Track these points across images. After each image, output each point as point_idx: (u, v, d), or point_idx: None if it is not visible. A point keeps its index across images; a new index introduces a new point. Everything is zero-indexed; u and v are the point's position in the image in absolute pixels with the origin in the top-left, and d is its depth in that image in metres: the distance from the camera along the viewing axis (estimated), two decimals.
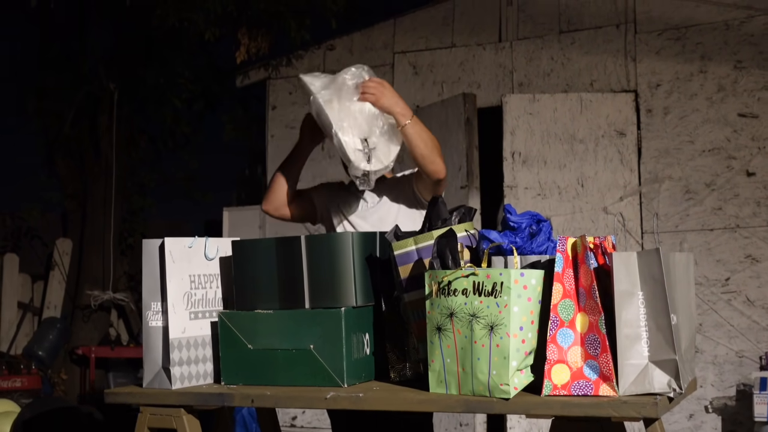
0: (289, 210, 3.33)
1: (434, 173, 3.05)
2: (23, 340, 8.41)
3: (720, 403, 5.79)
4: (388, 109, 2.98)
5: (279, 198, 3.30)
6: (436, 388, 2.29)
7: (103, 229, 8.47)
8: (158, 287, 2.54)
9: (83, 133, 8.63)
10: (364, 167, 2.97)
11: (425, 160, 3.02)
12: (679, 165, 6.05)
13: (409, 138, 2.98)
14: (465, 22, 6.82)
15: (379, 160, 2.99)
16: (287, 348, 2.49)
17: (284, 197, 3.30)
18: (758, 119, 5.91)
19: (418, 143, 2.99)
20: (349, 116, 2.96)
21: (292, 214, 3.35)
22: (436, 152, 3.03)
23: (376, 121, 2.98)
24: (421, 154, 3.00)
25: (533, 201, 6.14)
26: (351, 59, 7.12)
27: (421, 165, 3.06)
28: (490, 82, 6.66)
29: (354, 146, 2.95)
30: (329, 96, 2.96)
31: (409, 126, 2.98)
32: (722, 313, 5.86)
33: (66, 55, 8.62)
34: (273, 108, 7.38)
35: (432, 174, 3.07)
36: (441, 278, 2.26)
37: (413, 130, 2.98)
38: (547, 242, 2.34)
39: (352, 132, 2.96)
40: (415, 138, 2.98)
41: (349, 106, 2.96)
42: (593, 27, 6.41)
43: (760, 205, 5.84)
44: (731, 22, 6.02)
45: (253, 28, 7.51)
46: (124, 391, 2.62)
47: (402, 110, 2.98)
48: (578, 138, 6.18)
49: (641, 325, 2.14)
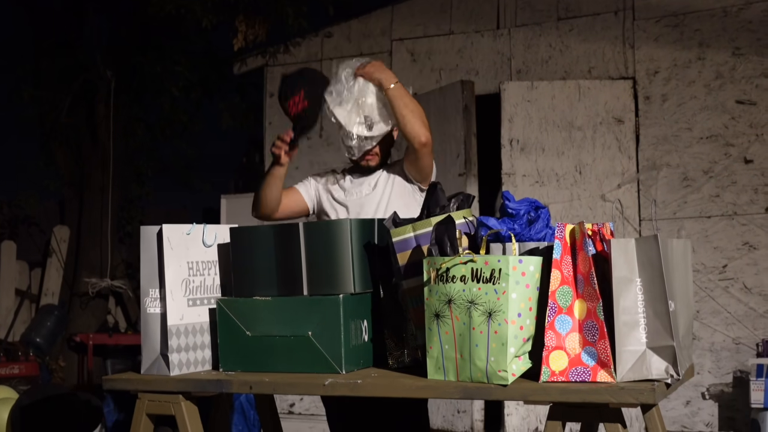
0: (279, 213, 3.40)
1: (415, 135, 3.14)
2: (21, 328, 8.42)
3: (717, 390, 5.81)
4: (377, 80, 3.17)
5: (268, 205, 3.37)
6: (435, 375, 2.30)
7: (100, 217, 8.47)
8: (156, 274, 2.54)
9: (80, 121, 8.62)
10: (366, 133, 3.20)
11: (405, 120, 3.13)
12: (677, 152, 6.04)
13: (391, 100, 3.14)
14: (463, 9, 6.80)
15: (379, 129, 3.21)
16: (285, 335, 2.49)
17: (273, 204, 3.37)
18: (756, 106, 5.90)
19: (399, 105, 3.14)
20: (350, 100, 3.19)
21: (284, 216, 3.41)
22: (416, 116, 3.15)
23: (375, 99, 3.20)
24: (401, 113, 3.13)
25: (531, 188, 6.13)
26: (349, 46, 7.10)
27: (402, 126, 3.16)
28: (488, 69, 6.65)
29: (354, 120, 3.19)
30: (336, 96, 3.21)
31: (393, 89, 3.15)
32: (719, 300, 5.87)
33: (63, 43, 8.59)
34: (270, 95, 7.36)
35: (413, 137, 3.15)
36: (439, 265, 2.26)
37: (396, 93, 3.15)
38: (546, 229, 2.34)
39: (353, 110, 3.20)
40: (396, 100, 3.14)
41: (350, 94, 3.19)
42: (591, 14, 6.39)
43: (757, 192, 5.85)
44: (729, 9, 6.01)
45: (250, 16, 7.48)
46: (123, 377, 2.63)
47: (388, 77, 3.18)
48: (576, 125, 6.18)
49: (639, 312, 2.14)
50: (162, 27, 8.38)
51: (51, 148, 8.77)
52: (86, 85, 8.54)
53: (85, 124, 8.62)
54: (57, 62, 8.56)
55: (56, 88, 8.55)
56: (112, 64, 8.43)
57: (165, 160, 9.69)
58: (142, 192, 9.48)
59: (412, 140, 3.14)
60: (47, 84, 8.62)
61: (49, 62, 8.61)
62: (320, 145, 7.03)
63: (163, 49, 8.75)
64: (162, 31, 8.57)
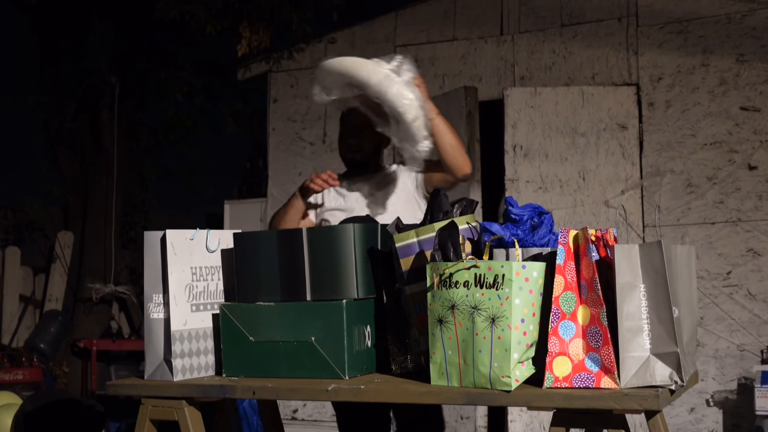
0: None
1: (459, 168, 3.15)
2: (25, 333, 8.42)
3: (721, 397, 5.79)
4: (427, 100, 3.06)
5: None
6: (438, 380, 2.30)
7: (104, 222, 8.48)
8: (160, 279, 2.54)
9: (85, 127, 8.64)
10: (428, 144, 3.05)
11: (453, 151, 3.13)
12: (680, 158, 6.04)
13: (439, 129, 3.09)
14: (466, 15, 6.80)
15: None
16: (288, 340, 2.49)
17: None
18: (760, 113, 5.90)
19: (447, 136, 3.11)
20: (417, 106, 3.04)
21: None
22: (461, 148, 3.16)
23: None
24: (449, 143, 3.11)
25: (534, 194, 6.13)
26: (352, 53, 7.06)
27: (449, 156, 3.14)
28: (491, 75, 6.66)
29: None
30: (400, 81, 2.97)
31: (439, 119, 3.10)
32: (724, 307, 5.85)
33: (67, 49, 8.61)
34: (274, 101, 7.37)
35: (457, 168, 3.15)
36: (442, 270, 2.26)
37: (442, 123, 3.11)
38: (549, 234, 2.34)
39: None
40: (446, 128, 3.12)
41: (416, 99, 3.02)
42: (595, 20, 6.40)
43: (761, 198, 5.84)
44: (733, 16, 6.01)
45: (254, 22, 7.49)
46: (126, 383, 2.62)
47: (431, 104, 3.10)
48: (580, 131, 6.18)
49: (643, 318, 2.14)
50: (166, 33, 8.40)
51: (55, 153, 8.78)
52: (90, 90, 8.56)
53: (89, 129, 8.64)
54: (62, 68, 8.58)
55: (61, 93, 8.57)
56: (117, 69, 8.45)
57: (169, 166, 9.70)
58: (146, 197, 9.49)
59: (456, 171, 3.17)
60: (52, 90, 8.64)
61: (53, 68, 8.64)
62: (323, 150, 7.05)
63: (168, 54, 8.77)
64: (166, 37, 8.59)
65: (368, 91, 2.96)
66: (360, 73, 2.95)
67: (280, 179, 7.19)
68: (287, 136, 7.25)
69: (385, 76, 2.93)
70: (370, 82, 2.93)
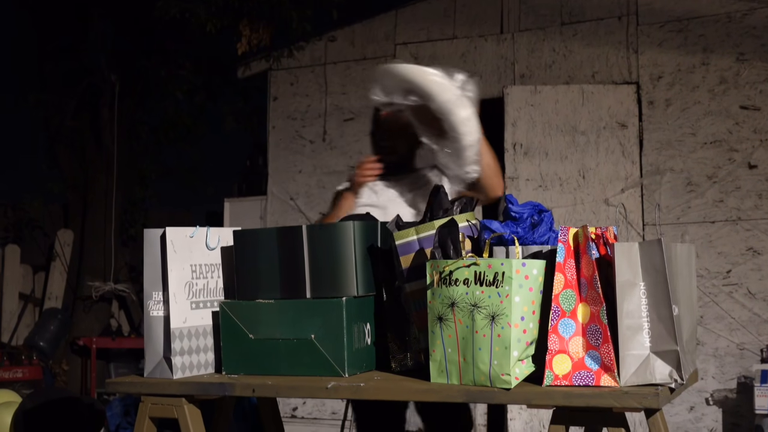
0: None
1: (494, 187, 3.19)
2: (24, 331, 8.42)
3: (721, 396, 5.79)
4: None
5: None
6: (437, 378, 2.29)
7: (104, 220, 8.48)
8: (159, 277, 2.54)
9: (85, 125, 8.64)
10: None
11: (491, 170, 3.15)
12: (680, 157, 6.04)
13: (482, 149, 3.08)
14: (466, 14, 6.80)
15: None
16: (288, 338, 2.49)
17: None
18: (760, 111, 5.90)
19: (488, 154, 3.13)
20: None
21: None
22: (499, 169, 3.19)
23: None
24: (488, 164, 3.13)
25: (534, 192, 6.13)
26: (352, 51, 7.11)
27: (486, 177, 3.14)
28: (491, 73, 6.65)
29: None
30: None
31: (484, 138, 3.09)
32: (723, 306, 5.85)
33: (67, 47, 8.61)
34: (274, 99, 7.37)
35: (492, 189, 3.19)
36: (442, 268, 2.26)
37: (486, 143, 3.11)
38: (549, 232, 2.34)
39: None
40: (486, 149, 3.12)
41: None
42: (595, 19, 6.40)
43: (761, 197, 5.84)
44: (733, 15, 6.01)
45: (254, 20, 7.49)
46: (126, 380, 2.62)
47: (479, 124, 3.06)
48: (580, 130, 6.18)
49: (643, 316, 2.14)
50: (166, 31, 8.40)
51: (55, 151, 8.79)
52: (90, 88, 8.56)
53: (89, 127, 8.64)
54: (61, 66, 8.59)
55: (61, 91, 8.58)
56: (117, 67, 8.45)
57: (169, 164, 9.71)
58: (146, 195, 9.49)
59: (489, 192, 3.20)
60: (52, 87, 8.64)
61: (53, 66, 8.64)
62: (323, 148, 7.04)
63: (168, 53, 8.77)
64: (166, 35, 8.59)
65: (432, 104, 2.90)
66: (431, 87, 2.88)
67: (280, 177, 7.19)
68: (287, 134, 7.25)
69: (457, 96, 2.88)
70: (440, 98, 2.88)
